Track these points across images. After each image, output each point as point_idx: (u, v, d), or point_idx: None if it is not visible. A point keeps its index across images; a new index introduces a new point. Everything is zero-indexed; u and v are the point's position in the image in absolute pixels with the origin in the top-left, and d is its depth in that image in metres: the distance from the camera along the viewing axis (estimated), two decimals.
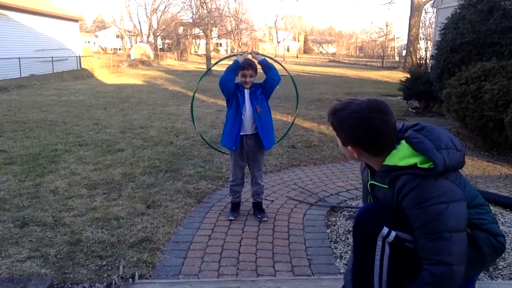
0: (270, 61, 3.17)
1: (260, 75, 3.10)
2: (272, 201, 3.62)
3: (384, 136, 1.35)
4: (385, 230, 1.37)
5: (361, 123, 1.34)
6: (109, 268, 2.43)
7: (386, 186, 1.39)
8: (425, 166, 1.29)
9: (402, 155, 1.34)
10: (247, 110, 3.05)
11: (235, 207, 3.30)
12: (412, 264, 1.39)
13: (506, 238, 2.70)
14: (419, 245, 1.29)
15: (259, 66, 3.14)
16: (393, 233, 1.37)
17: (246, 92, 3.07)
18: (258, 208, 3.28)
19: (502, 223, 2.96)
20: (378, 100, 1.38)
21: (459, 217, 1.29)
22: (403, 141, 1.37)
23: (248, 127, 3.07)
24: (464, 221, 1.31)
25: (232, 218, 3.19)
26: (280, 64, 3.62)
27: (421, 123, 1.45)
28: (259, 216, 3.21)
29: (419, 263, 1.30)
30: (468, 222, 1.35)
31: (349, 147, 1.42)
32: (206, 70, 3.58)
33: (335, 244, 2.79)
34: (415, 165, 1.30)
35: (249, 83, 3.06)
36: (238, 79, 3.09)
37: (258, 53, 3.23)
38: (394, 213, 1.39)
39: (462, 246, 1.27)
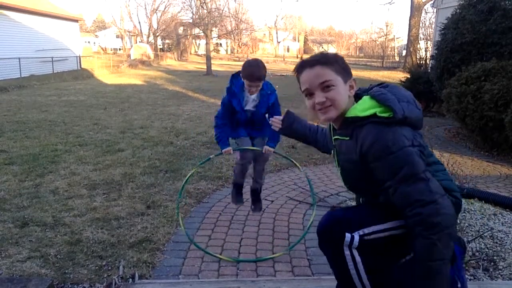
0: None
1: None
2: (272, 201, 3.62)
3: None
4: (348, 237, 1.35)
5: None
6: (109, 268, 2.43)
7: (347, 138, 1.41)
8: (385, 115, 1.32)
9: (362, 107, 1.37)
10: (247, 111, 2.86)
11: (239, 190, 3.09)
12: (392, 250, 1.42)
13: (506, 238, 2.71)
14: (399, 193, 1.28)
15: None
16: (356, 237, 1.35)
17: (249, 97, 2.83)
18: (255, 195, 3.14)
19: (502, 223, 2.97)
20: None
21: (423, 158, 1.32)
22: (365, 96, 1.42)
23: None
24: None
25: (241, 203, 2.98)
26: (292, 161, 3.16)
27: (387, 83, 1.49)
28: (252, 207, 3.11)
29: (403, 213, 1.29)
30: None
31: (352, 79, 1.45)
32: (206, 159, 3.27)
33: None
34: (374, 114, 1.33)
35: (254, 92, 2.80)
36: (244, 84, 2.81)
37: (268, 149, 2.92)
38: (352, 212, 1.41)
39: (435, 181, 1.29)
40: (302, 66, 1.47)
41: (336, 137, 1.50)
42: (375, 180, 1.35)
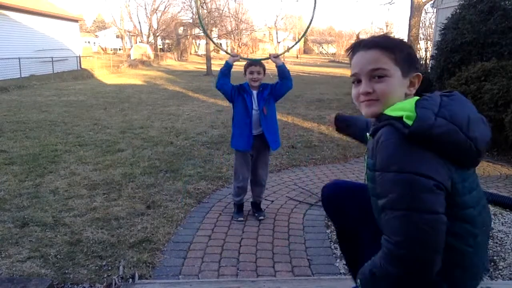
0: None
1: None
2: (272, 201, 3.62)
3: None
4: None
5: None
6: (109, 268, 2.43)
7: (370, 137, 1.18)
8: (409, 122, 1.03)
9: (398, 107, 1.11)
10: (255, 111, 3.02)
11: (240, 208, 3.28)
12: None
13: (506, 238, 2.71)
14: (382, 218, 1.08)
15: (269, 69, 3.12)
16: None
17: (254, 93, 3.02)
18: (256, 207, 3.30)
19: (502, 223, 2.97)
20: None
21: (436, 199, 1.02)
22: (415, 97, 1.16)
23: (254, 128, 3.05)
24: (443, 205, 1.03)
25: (241, 219, 3.17)
26: None
27: (456, 92, 1.18)
28: (256, 215, 3.24)
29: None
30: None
31: (415, 74, 1.20)
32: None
33: (335, 245, 2.78)
34: (401, 118, 1.06)
35: (257, 81, 2.98)
36: (246, 77, 3.03)
37: (277, 56, 3.08)
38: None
39: (435, 232, 1.00)
40: (356, 46, 1.22)
41: (367, 133, 1.27)
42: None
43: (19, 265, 2.43)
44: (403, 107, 1.09)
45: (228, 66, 3.03)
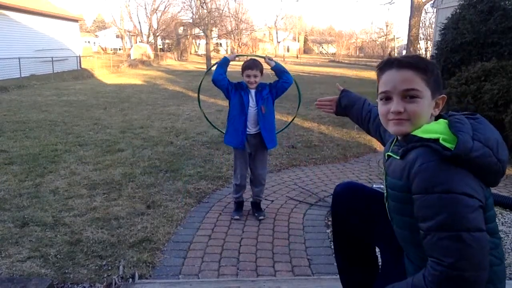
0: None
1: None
2: (272, 201, 3.62)
3: None
4: None
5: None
6: (109, 268, 2.43)
7: (398, 157, 1.20)
8: (447, 144, 1.07)
9: (429, 128, 1.14)
10: (252, 109, 3.05)
11: (239, 206, 3.31)
12: None
13: (506, 238, 2.71)
14: (428, 240, 1.08)
15: (267, 69, 3.15)
16: None
17: (252, 91, 3.05)
18: (256, 207, 3.31)
19: (502, 223, 2.97)
20: None
21: (480, 217, 1.05)
22: (441, 119, 1.20)
23: (251, 126, 3.07)
24: (484, 223, 1.07)
25: (237, 217, 3.20)
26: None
27: (479, 115, 1.23)
28: (256, 215, 3.25)
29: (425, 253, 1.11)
30: None
31: (440, 96, 1.22)
32: (207, 69, 3.90)
33: None
34: (437, 140, 1.09)
35: (253, 83, 3.02)
36: (243, 79, 3.07)
37: (271, 59, 3.18)
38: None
39: (483, 250, 1.03)
40: (388, 63, 1.23)
41: (388, 153, 1.28)
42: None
43: (19, 265, 2.43)
44: (435, 130, 1.13)
45: (225, 59, 3.10)
